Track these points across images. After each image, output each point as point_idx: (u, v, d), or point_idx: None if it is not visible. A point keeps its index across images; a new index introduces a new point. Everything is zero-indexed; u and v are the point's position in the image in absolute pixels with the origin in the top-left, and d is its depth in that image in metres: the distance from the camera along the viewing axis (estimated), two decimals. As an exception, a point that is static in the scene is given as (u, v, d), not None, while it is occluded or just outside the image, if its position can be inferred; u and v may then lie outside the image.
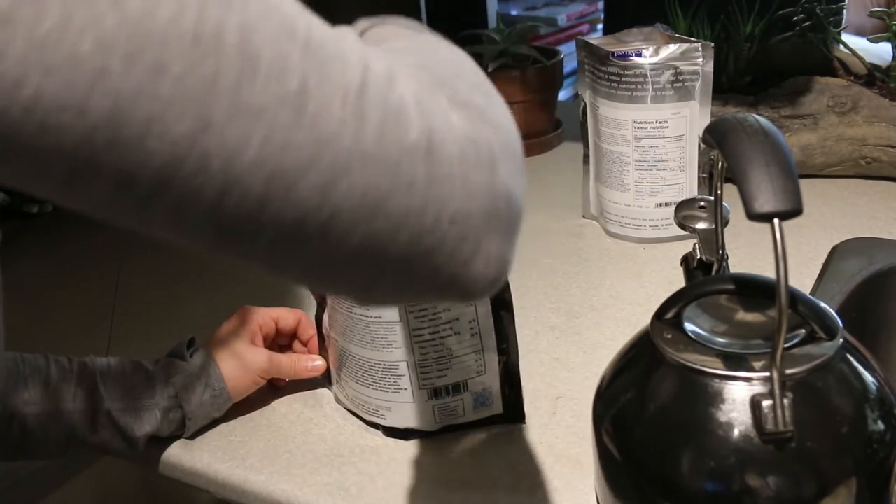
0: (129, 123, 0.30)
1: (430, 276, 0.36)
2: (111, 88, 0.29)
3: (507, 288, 0.69)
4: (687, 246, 0.65)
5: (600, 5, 2.65)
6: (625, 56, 0.95)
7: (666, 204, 1.00)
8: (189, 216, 0.32)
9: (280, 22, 0.32)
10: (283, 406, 0.78)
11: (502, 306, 0.69)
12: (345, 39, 0.35)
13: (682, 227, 0.64)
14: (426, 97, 0.35)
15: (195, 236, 0.34)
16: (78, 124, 0.29)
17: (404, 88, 0.34)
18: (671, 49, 0.94)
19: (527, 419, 0.72)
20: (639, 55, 0.95)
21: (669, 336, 0.54)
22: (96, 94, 0.29)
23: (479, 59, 1.28)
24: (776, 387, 0.47)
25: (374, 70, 0.34)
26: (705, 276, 0.62)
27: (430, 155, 0.34)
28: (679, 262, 0.65)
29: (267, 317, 0.77)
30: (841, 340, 0.52)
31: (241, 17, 0.31)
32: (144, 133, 0.30)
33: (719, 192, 0.60)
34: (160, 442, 0.73)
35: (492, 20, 1.98)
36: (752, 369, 0.50)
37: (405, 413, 0.71)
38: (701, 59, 0.94)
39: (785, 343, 0.48)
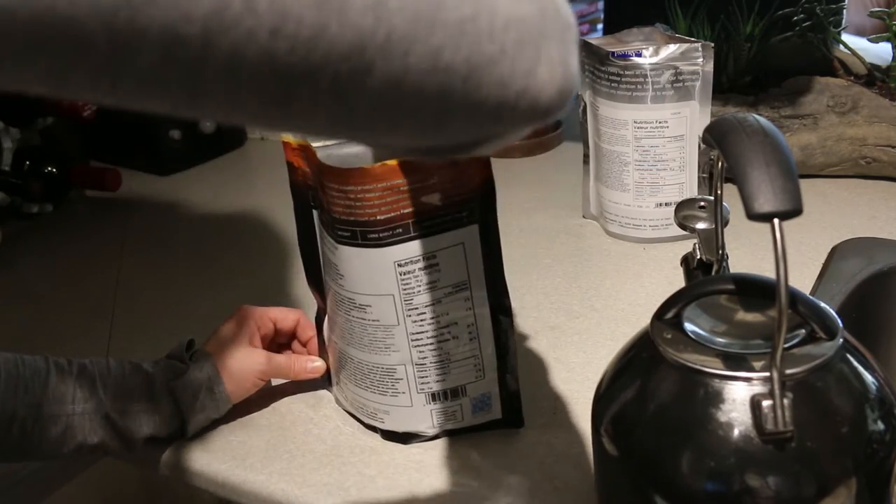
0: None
1: (498, 92, 0.35)
2: None
3: (506, 293, 0.68)
4: (687, 246, 0.65)
5: (600, 5, 2.65)
6: (625, 56, 0.95)
7: (666, 204, 1.00)
8: (243, 72, 0.31)
9: None
10: (283, 406, 0.78)
11: (501, 311, 0.69)
12: None
13: (682, 227, 0.64)
14: None
15: (253, 97, 0.32)
16: None
17: None
18: (671, 49, 0.94)
19: (527, 419, 0.72)
20: (639, 55, 0.95)
21: (669, 336, 0.54)
22: None
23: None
24: (776, 387, 0.47)
25: None
26: (705, 276, 0.62)
27: None
28: (679, 262, 0.65)
29: (265, 317, 0.77)
30: (841, 340, 0.52)
31: None
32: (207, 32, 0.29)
33: (719, 192, 0.60)
34: (160, 442, 0.73)
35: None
36: (752, 369, 0.50)
37: (403, 417, 0.71)
38: (701, 59, 0.94)
39: (785, 343, 0.48)
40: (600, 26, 2.56)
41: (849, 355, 0.52)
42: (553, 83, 0.36)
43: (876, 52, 1.14)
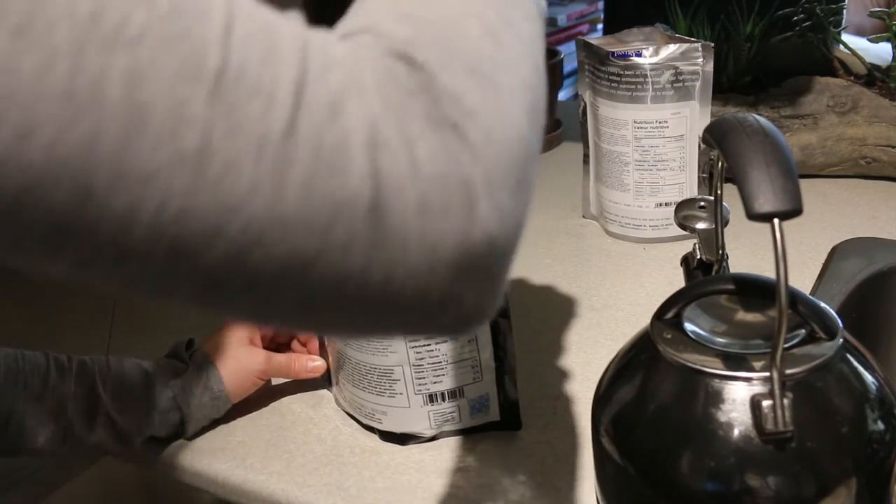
0: (1, 193, 0.26)
1: (394, 324, 0.33)
2: None
3: (504, 296, 0.68)
4: (687, 246, 0.65)
5: (600, 5, 2.65)
6: (625, 56, 0.95)
7: (666, 204, 1.00)
8: (92, 275, 0.30)
9: (185, 57, 0.27)
10: (283, 406, 0.78)
11: (500, 313, 0.68)
12: (280, 50, 0.29)
13: (682, 227, 0.64)
14: (388, 122, 0.29)
15: (107, 287, 0.31)
16: None
17: (355, 115, 0.29)
18: (671, 49, 0.94)
19: (527, 419, 0.72)
20: (639, 55, 0.95)
21: (669, 336, 0.54)
22: None
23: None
24: (776, 387, 0.47)
25: (312, 97, 0.29)
26: (705, 276, 0.62)
27: (375, 208, 0.29)
28: (679, 262, 0.65)
29: (266, 317, 0.77)
30: (841, 340, 0.52)
31: (129, 59, 0.26)
32: (20, 203, 0.27)
33: (719, 192, 0.60)
34: (160, 442, 0.73)
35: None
36: (752, 369, 0.50)
37: (401, 418, 0.71)
38: (701, 59, 0.94)
39: (785, 343, 0.48)
40: (600, 26, 2.56)
41: (849, 355, 0.52)
42: (460, 325, 0.33)
43: (876, 52, 1.14)
